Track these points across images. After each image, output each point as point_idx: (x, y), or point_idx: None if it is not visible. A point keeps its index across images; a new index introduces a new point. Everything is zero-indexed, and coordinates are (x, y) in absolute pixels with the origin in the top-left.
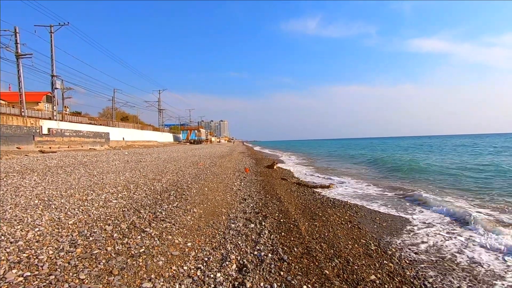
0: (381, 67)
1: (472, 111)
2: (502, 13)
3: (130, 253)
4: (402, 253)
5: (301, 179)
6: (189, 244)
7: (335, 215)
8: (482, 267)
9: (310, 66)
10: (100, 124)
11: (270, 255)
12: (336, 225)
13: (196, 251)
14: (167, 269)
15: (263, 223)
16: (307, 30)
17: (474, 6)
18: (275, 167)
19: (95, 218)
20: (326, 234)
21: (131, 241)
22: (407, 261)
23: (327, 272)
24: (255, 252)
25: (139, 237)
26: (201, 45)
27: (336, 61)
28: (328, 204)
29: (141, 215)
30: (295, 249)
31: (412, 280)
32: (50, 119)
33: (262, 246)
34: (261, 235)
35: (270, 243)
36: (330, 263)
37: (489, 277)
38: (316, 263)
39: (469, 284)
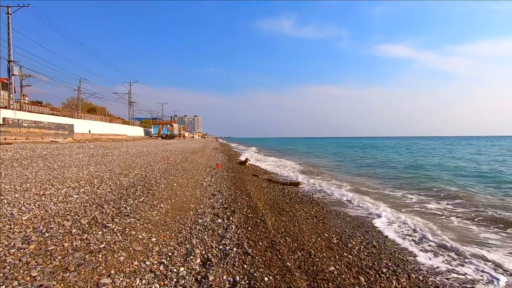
0: (352, 69)
1: (432, 114)
2: (460, 25)
3: (89, 249)
4: (362, 246)
5: (272, 176)
6: (153, 239)
7: (302, 210)
8: (423, 259)
9: (285, 65)
10: (64, 115)
11: (235, 249)
12: (302, 220)
13: (161, 246)
14: (128, 264)
15: (231, 218)
16: (283, 30)
17: (435, 18)
18: (247, 163)
19: (53, 214)
20: (291, 229)
21: (91, 236)
22: (365, 253)
23: (289, 264)
24: (221, 247)
25: (100, 232)
26: (176, 39)
27: (310, 61)
28: (296, 200)
29: (104, 211)
30: (260, 243)
31: (368, 270)
32: (6, 108)
33: (228, 241)
34: (228, 230)
35: (236, 237)
36: (293, 256)
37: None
38: (279, 256)
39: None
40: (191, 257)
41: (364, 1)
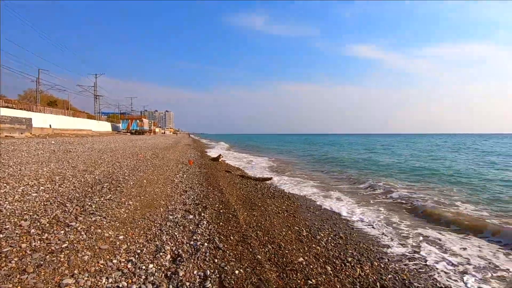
0: (326, 67)
1: (397, 113)
2: (424, 29)
3: (50, 249)
4: (329, 238)
5: (245, 172)
6: (121, 237)
7: (273, 205)
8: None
9: (261, 61)
10: (20, 108)
11: (206, 244)
12: (273, 214)
13: (129, 244)
14: (93, 263)
15: (203, 214)
16: (257, 26)
17: (401, 21)
18: (220, 160)
19: (8, 214)
20: (263, 223)
21: (52, 236)
22: (333, 244)
23: (260, 257)
24: (191, 242)
25: (62, 232)
26: (148, 31)
27: (285, 58)
28: (268, 195)
29: (67, 209)
30: (232, 238)
31: (334, 260)
32: None
33: (199, 236)
34: (199, 226)
35: (208, 233)
36: (263, 249)
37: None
38: (250, 250)
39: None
40: (161, 253)
41: (334, 1)
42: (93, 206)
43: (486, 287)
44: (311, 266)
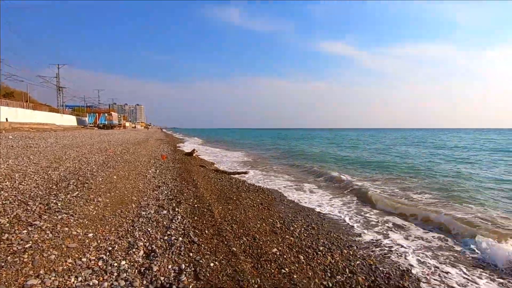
0: (299, 63)
1: (367, 109)
2: (391, 28)
3: (11, 250)
4: (302, 229)
5: (219, 166)
6: (90, 235)
7: (248, 198)
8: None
9: (235, 55)
10: None
11: (181, 238)
12: (248, 207)
13: (99, 241)
14: (60, 262)
15: (177, 209)
16: (232, 20)
17: (371, 20)
18: (194, 154)
19: None
20: (238, 216)
21: (13, 236)
22: (305, 235)
23: (235, 249)
24: (166, 237)
25: (24, 231)
26: (116, 20)
27: (259, 53)
28: (243, 189)
29: (29, 208)
30: (207, 231)
31: (307, 249)
32: None
33: (174, 231)
34: (174, 221)
35: (182, 227)
36: (238, 241)
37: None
38: (226, 242)
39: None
40: (134, 249)
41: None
42: (59, 204)
43: (443, 267)
44: (285, 256)
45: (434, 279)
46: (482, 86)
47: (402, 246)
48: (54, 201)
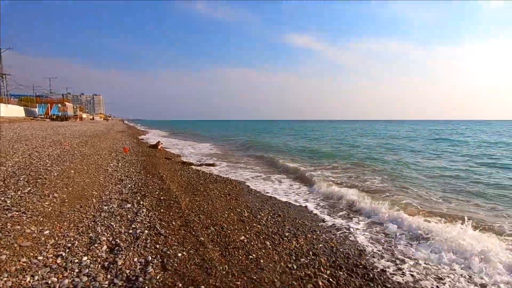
0: (267, 54)
1: (332, 101)
2: (353, 24)
3: None
4: (269, 217)
5: (186, 158)
6: (46, 232)
7: (216, 189)
8: (323, 222)
9: (201, 45)
10: None
11: (146, 231)
12: (216, 198)
13: (57, 238)
14: (13, 262)
15: (142, 202)
16: (197, 8)
17: (335, 14)
18: (159, 147)
19: None
20: (205, 207)
21: None
22: (272, 222)
23: (203, 239)
24: (130, 231)
25: None
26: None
27: (227, 43)
28: (211, 180)
29: None
30: (174, 223)
31: (273, 235)
32: None
33: (139, 224)
34: (139, 214)
35: (148, 220)
36: (206, 231)
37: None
38: (193, 233)
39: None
40: (96, 245)
41: None
42: (8, 202)
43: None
44: (252, 243)
45: (386, 255)
46: (433, 80)
47: (358, 229)
48: (3, 198)
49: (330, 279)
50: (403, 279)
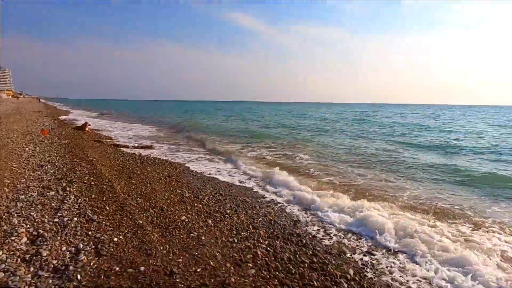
0: (208, 32)
1: (275, 83)
2: (294, 8)
3: None
4: (211, 196)
5: (119, 141)
6: None
7: (154, 172)
8: (263, 198)
9: (136, 19)
10: None
11: (76, 218)
12: (155, 181)
13: None
14: None
15: (68, 189)
16: None
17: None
18: (86, 128)
19: None
20: (143, 190)
21: None
22: (214, 201)
23: (141, 222)
24: (56, 220)
25: None
26: None
27: (161, 16)
28: (148, 163)
29: None
30: (108, 208)
31: (215, 214)
32: None
33: (66, 212)
34: (65, 201)
35: (77, 207)
36: (145, 214)
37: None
38: (130, 216)
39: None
40: (13, 238)
41: None
42: None
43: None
44: (194, 222)
45: (317, 223)
46: (364, 64)
47: (291, 203)
48: None
49: (268, 248)
50: (330, 242)
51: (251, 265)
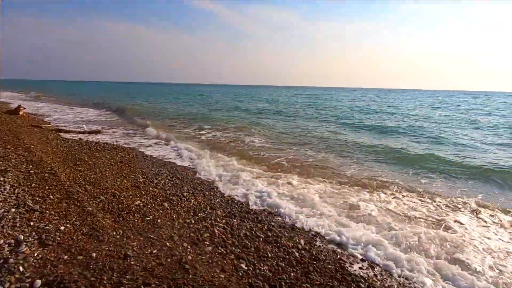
0: (159, 10)
1: (229, 66)
2: None
3: None
4: (167, 180)
5: (63, 126)
6: None
7: (104, 157)
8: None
9: None
10: None
11: (13, 209)
12: (105, 167)
13: None
14: None
15: (2, 179)
16: None
17: None
18: (21, 112)
19: None
20: (92, 176)
21: None
22: (170, 185)
23: (91, 209)
24: None
25: None
26: None
27: None
28: (97, 149)
29: None
30: (52, 197)
31: (172, 197)
32: None
33: (1, 204)
34: None
35: (14, 197)
36: (95, 201)
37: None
38: (78, 204)
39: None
40: None
41: None
42: None
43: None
44: (149, 206)
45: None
46: (316, 50)
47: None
48: None
49: (225, 227)
50: (283, 220)
51: (208, 243)
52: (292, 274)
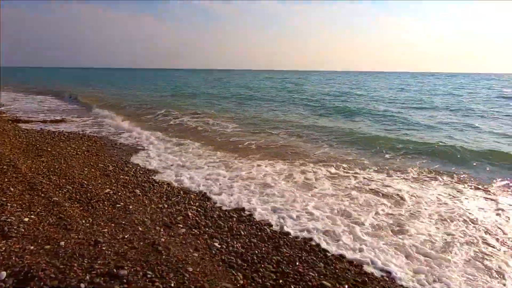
0: None
1: (197, 50)
2: None
3: None
4: (138, 167)
5: (21, 115)
6: None
7: (69, 147)
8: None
9: None
10: None
11: None
12: (71, 157)
13: None
14: None
15: None
16: None
17: None
18: None
19: None
20: (57, 167)
21: None
22: (141, 172)
23: (57, 199)
24: None
25: None
26: None
27: None
28: (61, 139)
29: None
30: (13, 189)
31: (143, 184)
32: None
33: None
34: None
35: None
36: (61, 191)
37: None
38: (43, 195)
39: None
40: None
41: None
42: None
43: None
44: (120, 193)
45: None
46: (296, 35)
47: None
48: None
49: (199, 209)
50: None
51: (181, 225)
52: (263, 249)
